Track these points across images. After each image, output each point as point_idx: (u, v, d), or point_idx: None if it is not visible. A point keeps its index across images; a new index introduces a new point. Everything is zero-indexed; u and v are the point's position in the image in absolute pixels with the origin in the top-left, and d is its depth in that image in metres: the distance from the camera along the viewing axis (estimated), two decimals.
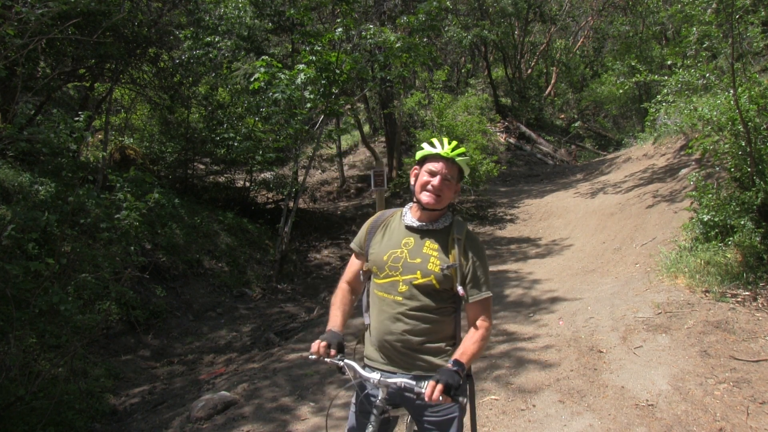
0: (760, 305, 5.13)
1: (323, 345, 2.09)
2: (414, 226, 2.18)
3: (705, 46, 7.28)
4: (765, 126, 6.01)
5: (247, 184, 13.10)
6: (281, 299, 9.13)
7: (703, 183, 6.39)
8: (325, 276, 10.45)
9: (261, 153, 11.16)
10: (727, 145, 6.26)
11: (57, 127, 4.96)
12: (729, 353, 4.37)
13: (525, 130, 21.30)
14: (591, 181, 13.97)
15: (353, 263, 2.38)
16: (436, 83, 13.80)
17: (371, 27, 9.99)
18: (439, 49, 18.84)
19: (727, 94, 6.37)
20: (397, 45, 9.42)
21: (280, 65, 9.22)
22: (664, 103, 8.39)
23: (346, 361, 2.10)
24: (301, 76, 8.93)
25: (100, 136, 11.64)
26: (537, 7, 21.30)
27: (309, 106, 9.63)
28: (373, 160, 15.40)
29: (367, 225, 2.32)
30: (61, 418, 4.56)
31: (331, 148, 18.01)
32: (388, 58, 9.91)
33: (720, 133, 6.40)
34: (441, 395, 1.87)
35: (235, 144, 10.57)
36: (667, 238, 7.47)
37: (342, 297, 2.35)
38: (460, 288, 2.09)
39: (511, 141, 20.62)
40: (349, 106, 14.26)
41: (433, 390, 1.88)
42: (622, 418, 3.67)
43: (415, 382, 2.01)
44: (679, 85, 7.43)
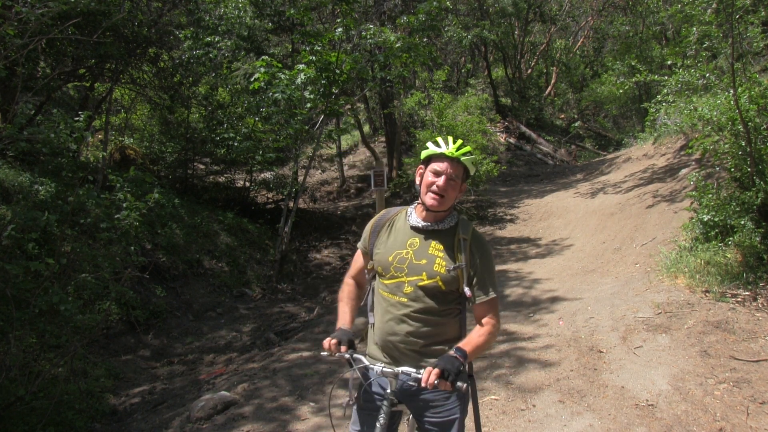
0: (760, 305, 5.13)
1: (334, 342, 2.10)
2: (419, 226, 2.17)
3: (705, 46, 7.28)
4: (765, 126, 6.01)
5: (247, 184, 13.09)
6: (281, 299, 9.13)
7: (703, 183, 6.39)
8: (325, 276, 10.45)
9: (261, 153, 11.15)
10: (727, 145, 6.26)
11: (57, 127, 4.96)
12: (729, 353, 4.37)
13: (525, 130, 21.29)
14: (591, 181, 13.96)
15: (358, 260, 2.37)
16: (436, 83, 13.80)
17: (371, 27, 9.98)
18: (439, 49, 18.82)
19: (727, 94, 6.36)
20: (397, 45, 9.41)
21: (280, 65, 9.22)
22: (664, 103, 8.39)
23: (355, 355, 2.12)
24: (301, 76, 8.93)
25: (100, 136, 11.64)
26: (537, 7, 21.29)
27: (309, 106, 9.63)
28: (373, 160, 15.40)
29: (370, 225, 2.30)
30: (61, 418, 4.56)
31: (331, 148, 17.99)
32: (388, 58, 9.90)
33: (720, 133, 6.40)
34: (438, 379, 1.87)
35: (235, 144, 10.56)
36: (667, 238, 7.47)
37: (349, 292, 2.35)
38: (466, 289, 2.08)
39: (511, 141, 20.62)
40: (349, 106, 14.24)
41: (429, 375, 1.87)
42: (622, 418, 3.67)
43: (414, 370, 2.02)
44: (679, 85, 7.43)
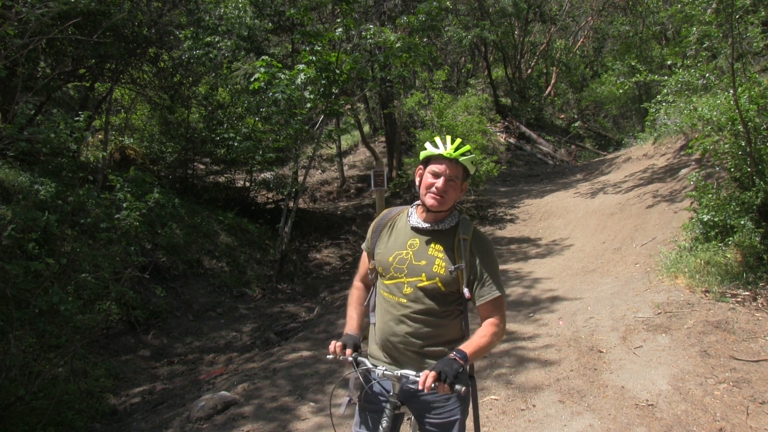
0: (760, 305, 5.13)
1: (339, 345, 2.13)
2: (420, 227, 2.16)
3: (705, 46, 7.28)
4: (765, 126, 6.01)
5: (247, 184, 13.09)
6: (281, 299, 9.13)
7: (703, 183, 6.39)
8: (325, 276, 10.44)
9: (261, 153, 11.15)
10: (727, 145, 6.26)
11: (57, 127, 4.96)
12: (729, 353, 4.37)
13: (525, 130, 21.29)
14: (591, 181, 13.96)
15: (364, 261, 2.38)
16: (436, 83, 13.80)
17: (371, 27, 9.98)
18: (439, 49, 18.83)
19: (727, 94, 6.36)
20: (397, 45, 9.41)
21: (280, 65, 9.22)
22: (664, 103, 8.40)
23: (359, 358, 2.15)
24: (301, 76, 8.93)
25: (100, 136, 11.64)
26: (537, 7, 21.31)
27: (309, 106, 9.63)
28: (373, 160, 15.39)
29: (373, 225, 2.31)
30: (61, 418, 4.56)
31: (331, 148, 17.98)
32: (388, 58, 9.90)
33: (720, 133, 6.40)
34: (435, 382, 1.86)
35: (235, 144, 10.56)
36: (667, 238, 7.47)
37: (357, 296, 2.37)
38: (465, 290, 2.07)
39: (511, 141, 20.62)
40: (349, 106, 14.24)
41: (426, 378, 1.87)
42: (622, 418, 3.67)
43: (413, 373, 2.02)
44: (679, 85, 7.43)
